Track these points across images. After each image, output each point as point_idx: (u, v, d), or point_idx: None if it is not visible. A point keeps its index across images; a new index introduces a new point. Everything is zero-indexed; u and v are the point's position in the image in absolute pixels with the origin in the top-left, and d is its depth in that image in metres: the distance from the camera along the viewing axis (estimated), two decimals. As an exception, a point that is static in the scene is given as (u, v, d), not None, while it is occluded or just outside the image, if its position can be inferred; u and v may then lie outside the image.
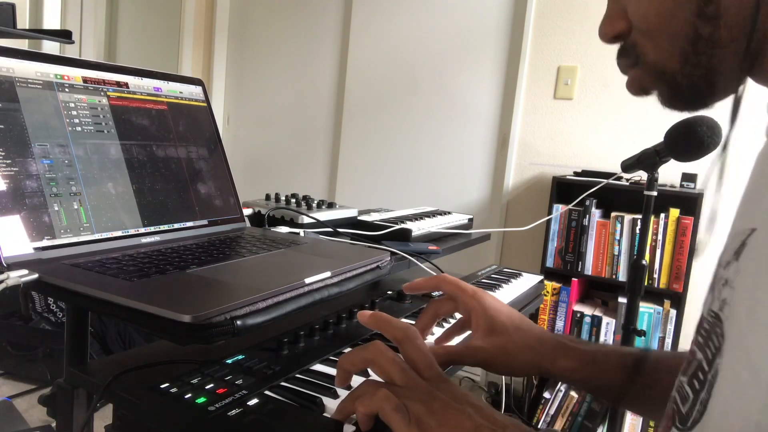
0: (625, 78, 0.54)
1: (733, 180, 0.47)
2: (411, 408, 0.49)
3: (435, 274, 1.02)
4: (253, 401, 0.57)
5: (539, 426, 2.19)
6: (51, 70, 0.73)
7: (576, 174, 2.35)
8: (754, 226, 0.40)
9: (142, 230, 0.79)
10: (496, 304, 0.71)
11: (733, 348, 0.39)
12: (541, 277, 1.24)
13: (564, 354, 0.68)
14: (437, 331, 0.79)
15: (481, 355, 0.67)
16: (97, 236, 0.73)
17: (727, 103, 0.50)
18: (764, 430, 0.35)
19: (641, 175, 2.08)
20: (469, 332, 0.74)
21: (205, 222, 0.90)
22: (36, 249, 0.65)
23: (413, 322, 0.76)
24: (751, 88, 0.49)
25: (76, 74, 0.77)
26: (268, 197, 1.16)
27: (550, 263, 2.33)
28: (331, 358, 0.71)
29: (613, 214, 2.23)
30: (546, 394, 2.25)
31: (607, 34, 0.52)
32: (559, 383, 2.22)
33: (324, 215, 1.11)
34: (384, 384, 0.52)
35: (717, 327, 0.41)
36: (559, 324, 2.32)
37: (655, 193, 1.53)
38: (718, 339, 0.41)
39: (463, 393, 0.53)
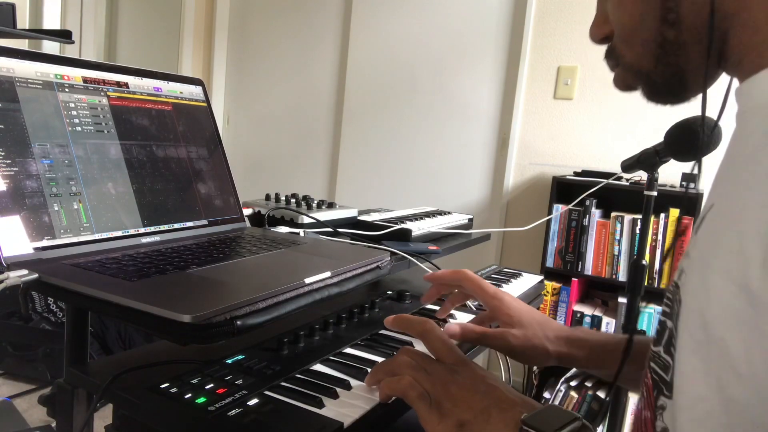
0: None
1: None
2: (431, 392, 0.55)
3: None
4: (253, 401, 0.57)
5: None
6: (51, 70, 0.73)
7: (576, 174, 2.35)
8: (712, 202, 0.44)
9: (142, 230, 0.79)
10: (517, 303, 0.77)
11: (689, 311, 0.42)
12: (541, 277, 1.24)
13: (578, 345, 0.75)
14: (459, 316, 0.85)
15: (514, 343, 0.74)
16: (97, 236, 0.73)
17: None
18: (723, 384, 0.37)
19: (641, 175, 2.08)
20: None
21: (205, 222, 0.90)
22: (36, 249, 0.65)
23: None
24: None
25: (76, 74, 0.77)
26: (268, 197, 1.16)
27: (550, 263, 2.33)
28: (331, 358, 0.71)
29: (613, 214, 2.23)
30: (546, 394, 2.25)
31: (595, 36, 0.58)
32: (559, 383, 2.23)
33: (324, 215, 1.11)
34: (411, 367, 0.58)
35: (677, 294, 0.45)
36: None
37: (655, 193, 1.53)
38: (678, 305, 0.44)
39: (481, 374, 0.57)
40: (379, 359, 0.71)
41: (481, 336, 0.74)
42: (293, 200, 1.16)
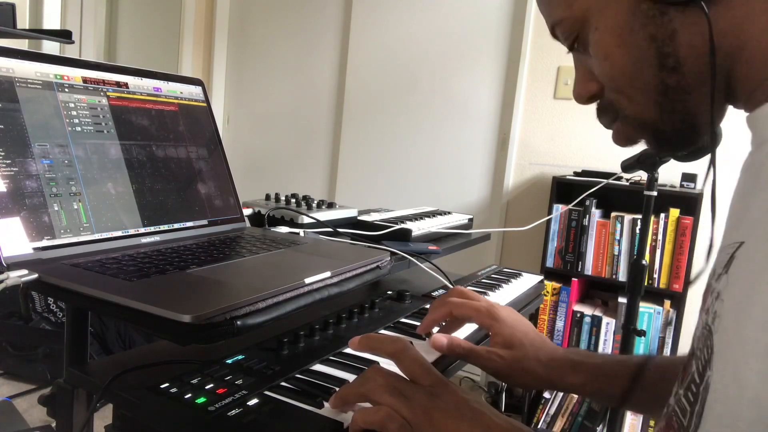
0: None
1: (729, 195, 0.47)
2: (413, 421, 0.50)
3: (435, 274, 1.02)
4: (253, 401, 0.57)
5: (539, 426, 2.19)
6: (51, 70, 0.73)
7: (576, 174, 2.35)
8: (742, 239, 0.41)
9: (142, 230, 0.79)
10: (512, 320, 0.73)
11: (722, 361, 0.39)
12: (541, 277, 1.24)
13: (573, 370, 0.70)
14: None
15: (498, 363, 0.70)
16: (97, 236, 0.73)
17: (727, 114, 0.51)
18: None
19: (641, 175, 2.08)
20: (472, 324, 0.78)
21: (205, 222, 0.90)
22: (36, 249, 0.65)
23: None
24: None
25: (75, 74, 0.77)
26: (268, 197, 1.16)
27: (550, 263, 2.33)
28: (331, 358, 0.71)
29: (613, 214, 2.23)
30: (546, 394, 2.25)
31: (582, 96, 0.54)
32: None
33: (324, 215, 1.11)
34: (387, 391, 0.52)
35: (708, 339, 0.42)
36: (559, 324, 2.32)
37: (655, 193, 1.53)
38: (708, 351, 0.41)
39: (463, 397, 0.53)
40: (380, 360, 0.71)
41: (468, 353, 0.70)
42: (293, 200, 1.16)
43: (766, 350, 0.35)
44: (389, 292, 0.99)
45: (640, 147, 0.55)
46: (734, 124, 0.51)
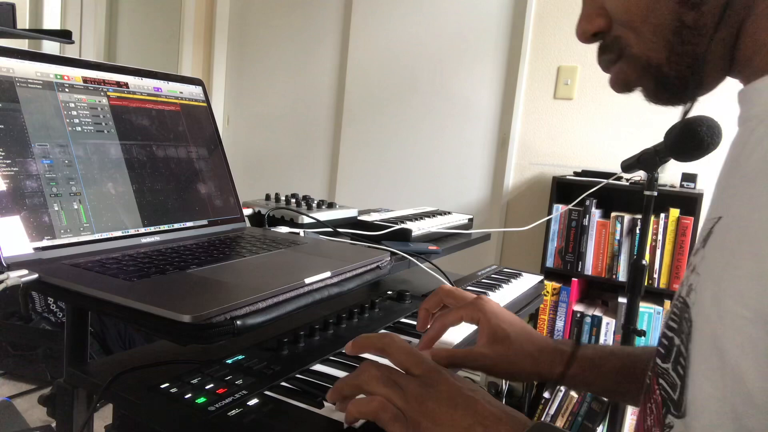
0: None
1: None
2: (406, 411, 0.50)
3: (435, 274, 1.02)
4: (253, 401, 0.57)
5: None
6: (51, 70, 0.73)
7: (576, 174, 2.35)
8: (720, 214, 0.41)
9: (142, 230, 0.79)
10: (498, 312, 0.71)
11: (701, 334, 0.40)
12: (541, 277, 1.24)
13: (562, 361, 0.69)
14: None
15: (483, 361, 0.69)
16: (97, 236, 0.73)
17: (723, 102, 0.50)
18: (739, 413, 0.36)
19: (641, 175, 2.08)
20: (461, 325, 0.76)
21: (205, 222, 0.90)
22: (36, 249, 0.65)
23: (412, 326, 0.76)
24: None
25: (76, 74, 0.77)
26: (268, 197, 1.16)
27: (550, 263, 2.33)
28: (331, 358, 0.71)
29: (613, 214, 2.23)
30: (546, 394, 2.25)
31: (586, 32, 0.52)
32: (559, 383, 2.22)
33: (324, 215, 1.11)
34: (381, 382, 0.52)
35: (685, 312, 0.42)
36: (559, 324, 2.31)
37: (655, 193, 1.53)
38: (688, 324, 0.42)
39: (457, 385, 0.52)
40: (380, 360, 0.70)
41: (449, 360, 0.68)
42: (293, 200, 1.16)
43: (745, 323, 0.35)
44: (389, 292, 0.99)
45: (637, 97, 0.52)
46: (734, 121, 0.50)
